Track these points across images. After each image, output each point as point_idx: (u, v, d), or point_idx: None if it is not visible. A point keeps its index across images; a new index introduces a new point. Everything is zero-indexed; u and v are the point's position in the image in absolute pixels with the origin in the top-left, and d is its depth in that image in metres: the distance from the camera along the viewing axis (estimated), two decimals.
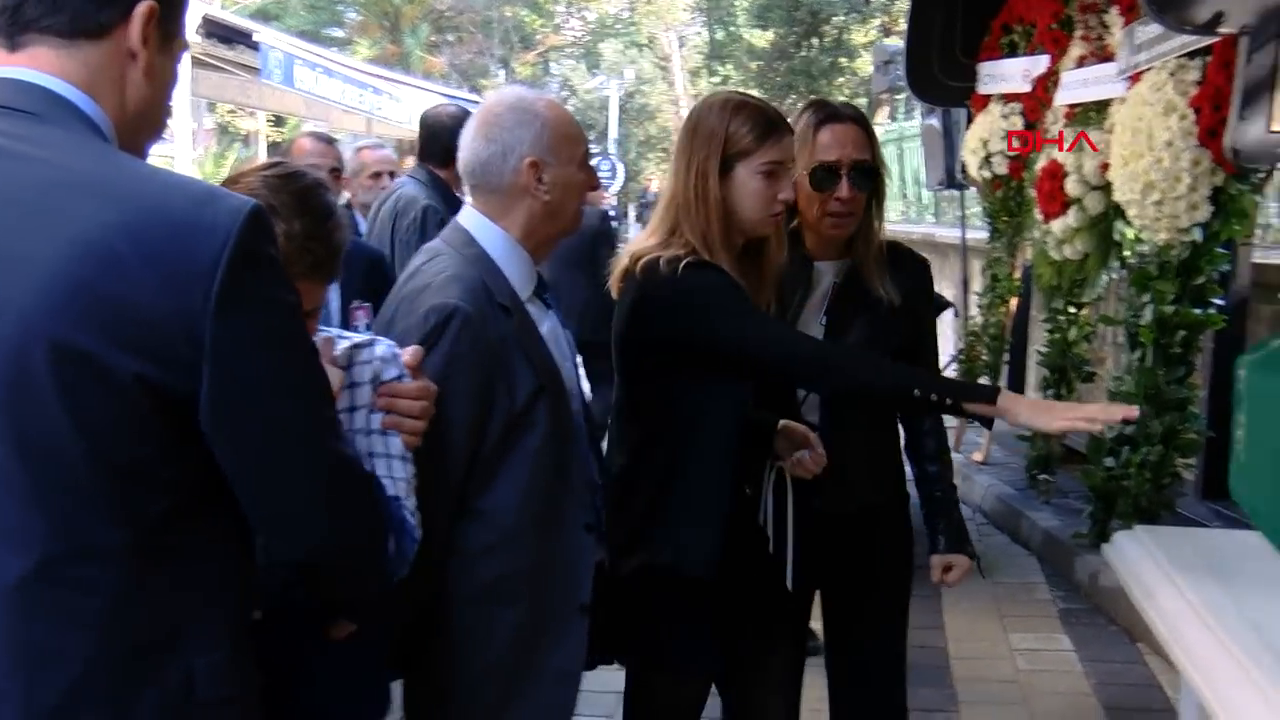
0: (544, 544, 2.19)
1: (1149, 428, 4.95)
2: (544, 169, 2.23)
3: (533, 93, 2.35)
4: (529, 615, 2.18)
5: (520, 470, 2.16)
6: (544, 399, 2.17)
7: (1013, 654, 4.75)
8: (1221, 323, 4.96)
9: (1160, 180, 4.52)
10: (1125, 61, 4.92)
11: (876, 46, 13.94)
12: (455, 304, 2.12)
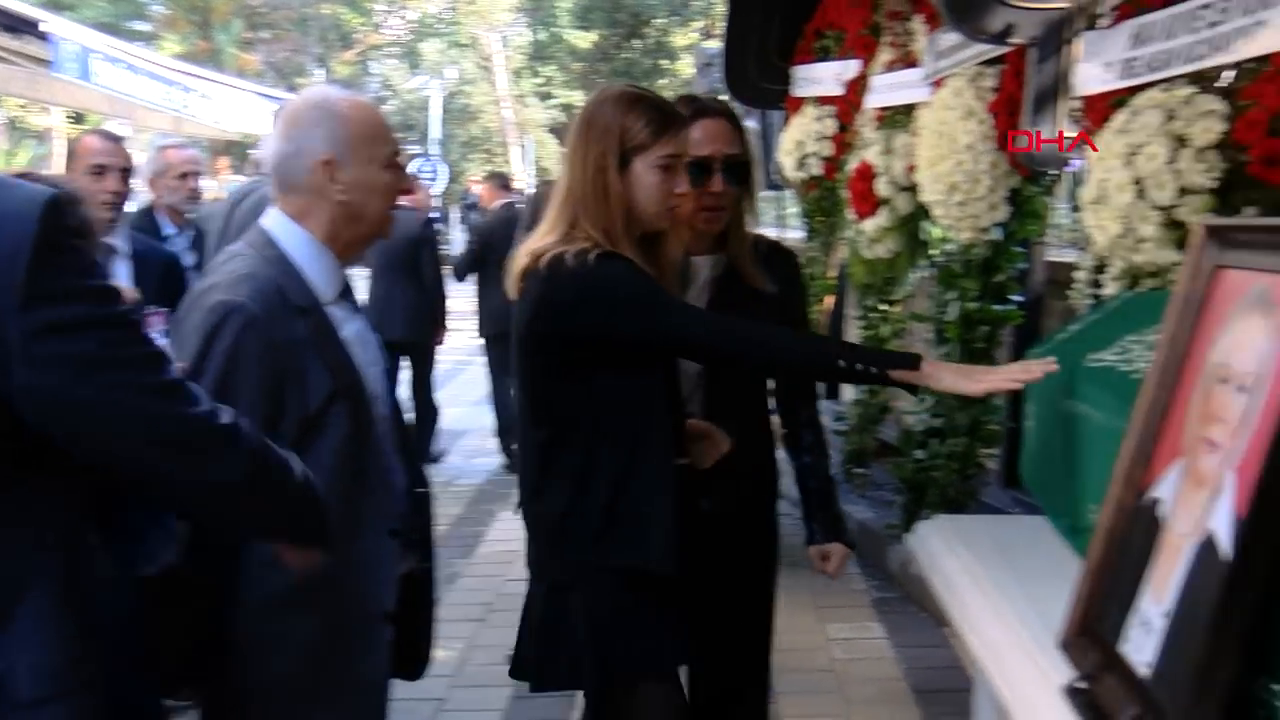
0: (344, 550, 2.14)
1: (955, 420, 5.14)
2: (339, 168, 2.19)
3: (338, 92, 2.32)
4: (325, 623, 2.15)
5: (317, 475, 2.06)
6: (341, 402, 2.14)
7: (828, 644, 4.89)
8: (1020, 318, 5.18)
9: (963, 182, 4.67)
10: (929, 67, 5.08)
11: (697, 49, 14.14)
12: (238, 302, 2.08)
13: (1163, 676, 1.35)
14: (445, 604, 5.28)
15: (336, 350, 2.19)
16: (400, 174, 2.31)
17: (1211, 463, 1.42)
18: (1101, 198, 3.20)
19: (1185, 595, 1.36)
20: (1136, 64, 3.26)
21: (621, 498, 2.40)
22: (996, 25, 4.01)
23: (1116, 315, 2.45)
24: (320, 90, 2.36)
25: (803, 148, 6.62)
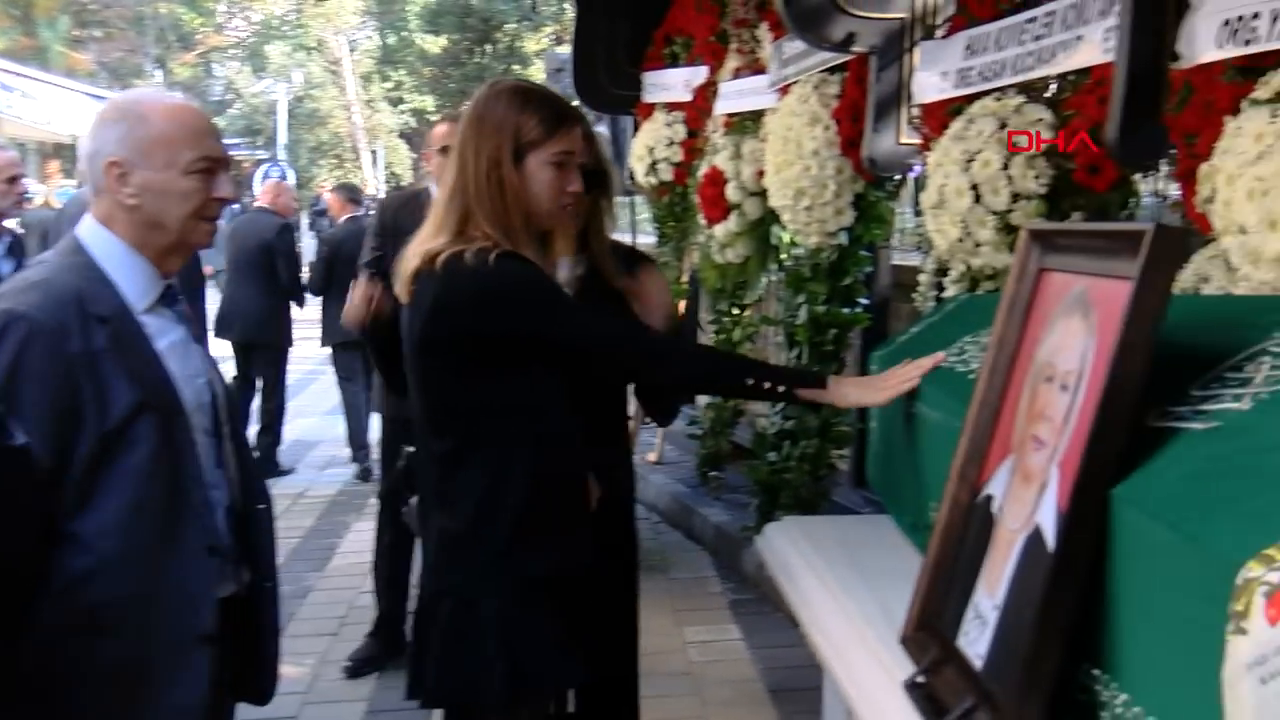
0: (154, 570, 2.08)
1: (806, 422, 5.23)
2: (129, 172, 2.11)
3: (150, 93, 2.24)
4: (135, 647, 2.07)
5: (122, 491, 2.04)
6: (148, 416, 2.06)
7: (685, 647, 4.93)
8: (867, 321, 5.31)
9: (809, 187, 4.76)
10: (775, 74, 5.17)
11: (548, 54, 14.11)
12: (20, 311, 2.00)
13: (995, 667, 1.41)
14: (297, 619, 5.23)
15: (143, 361, 2.10)
16: (209, 182, 2.18)
17: (1038, 459, 1.48)
18: (941, 203, 3.31)
19: (1014, 588, 1.43)
20: (970, 74, 3.38)
21: (533, 505, 2.36)
22: (838, 34, 4.11)
23: (954, 317, 2.54)
24: (131, 92, 2.29)
25: (653, 153, 6.67)
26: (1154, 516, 1.19)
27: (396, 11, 30.44)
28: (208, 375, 2.27)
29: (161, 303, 2.20)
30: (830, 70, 4.66)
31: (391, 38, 31.42)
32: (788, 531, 2.51)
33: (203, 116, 2.24)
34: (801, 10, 4.20)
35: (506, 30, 28.22)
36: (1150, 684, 1.21)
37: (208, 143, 2.18)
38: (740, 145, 5.59)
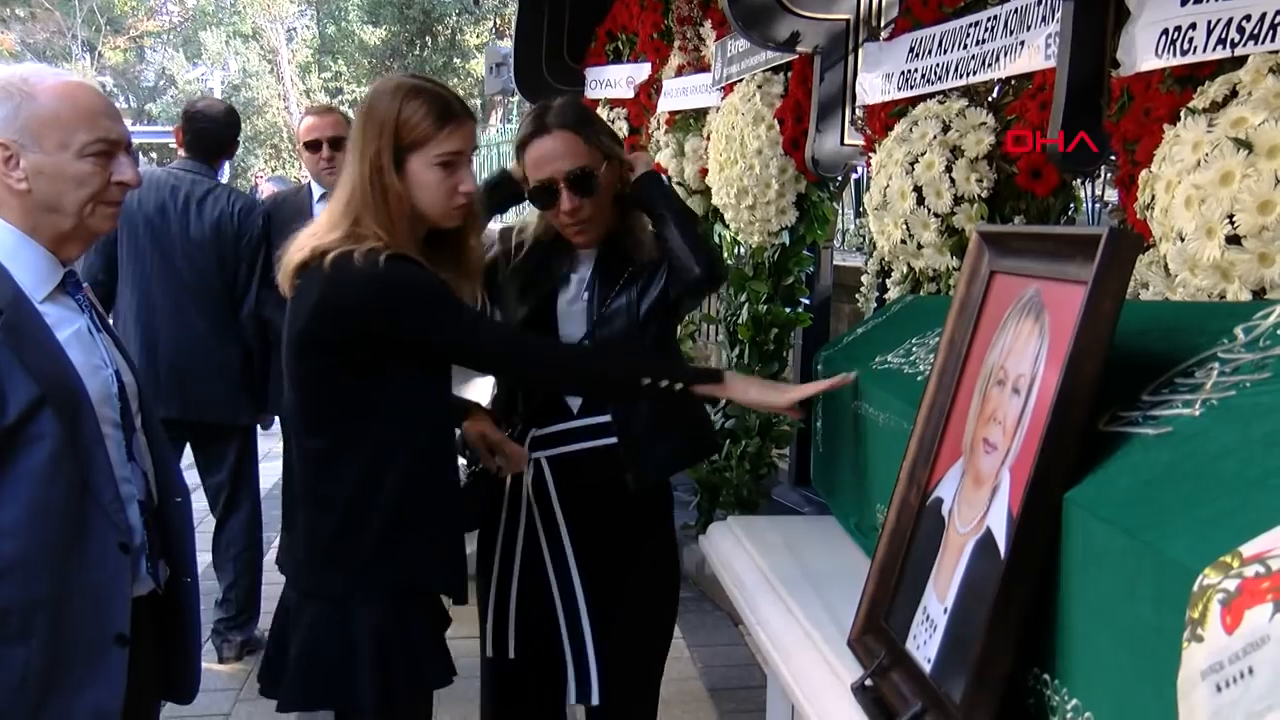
0: (65, 570, 2.02)
1: (747, 421, 5.25)
2: (17, 155, 2.03)
3: (40, 70, 2.12)
4: (48, 650, 2.01)
5: (26, 488, 1.99)
6: (50, 409, 2.00)
7: None
8: (809, 321, 5.33)
9: (752, 186, 4.77)
10: (719, 73, 5.18)
11: (489, 48, 14.03)
12: None
13: (944, 671, 1.41)
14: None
15: (43, 352, 2.03)
16: (105, 164, 2.09)
17: (990, 462, 1.49)
18: (884, 204, 3.32)
19: (965, 591, 1.43)
20: (914, 76, 3.40)
21: (405, 509, 2.32)
22: (783, 33, 4.12)
23: (900, 318, 2.55)
24: (21, 67, 2.19)
25: None
26: (1108, 521, 1.20)
27: (335, 1, 30.15)
28: (114, 365, 2.18)
29: (61, 290, 2.12)
30: (774, 70, 4.67)
31: (330, 27, 31.12)
32: (731, 531, 2.51)
33: (99, 95, 2.14)
34: (746, 9, 4.20)
35: (447, 23, 28.04)
36: (1101, 689, 1.22)
37: (104, 123, 2.09)
38: (683, 143, 5.59)
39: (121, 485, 2.12)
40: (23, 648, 1.99)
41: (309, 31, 33.40)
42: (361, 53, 29.63)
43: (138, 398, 2.23)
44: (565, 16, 7.08)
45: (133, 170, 2.12)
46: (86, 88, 2.12)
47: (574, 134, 2.66)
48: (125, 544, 2.10)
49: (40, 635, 1.99)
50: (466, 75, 28.03)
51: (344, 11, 29.90)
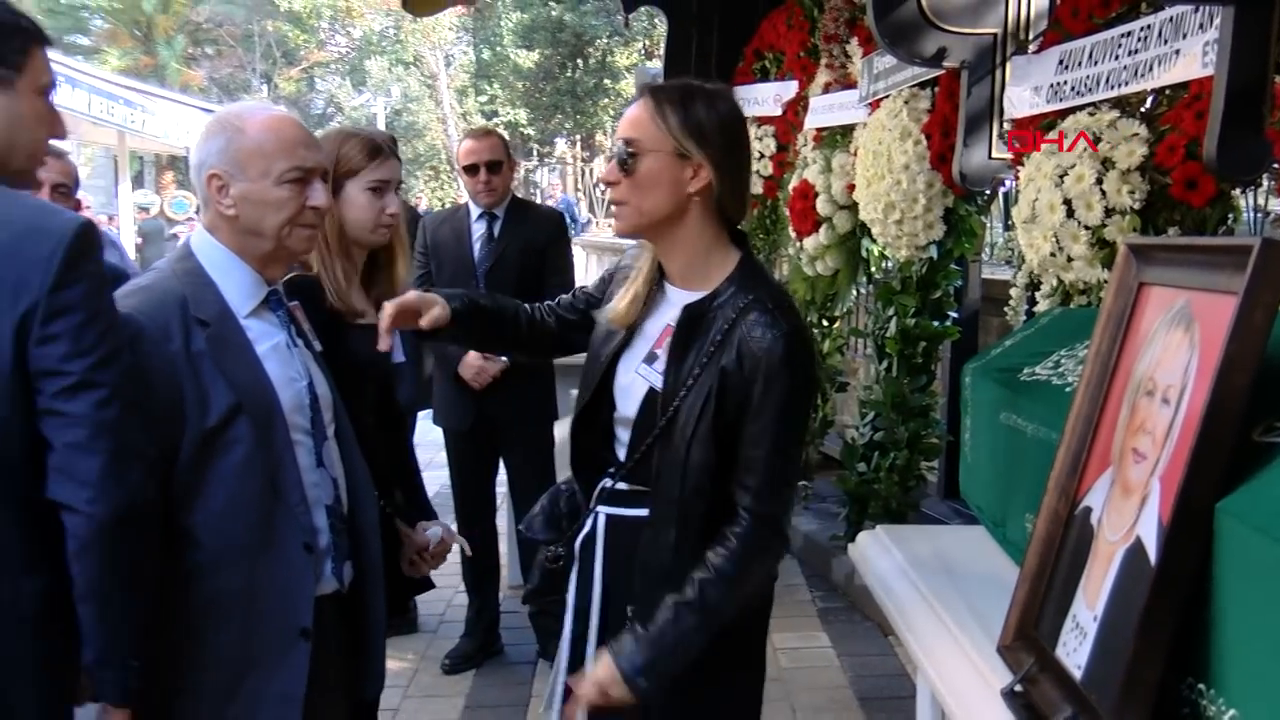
0: (256, 565, 2.14)
1: (895, 434, 5.20)
2: (228, 183, 2.18)
3: (251, 107, 2.29)
4: (242, 637, 2.14)
5: (222, 488, 2.11)
6: (245, 417, 2.12)
7: (776, 653, 4.91)
8: (957, 334, 5.26)
9: (900, 200, 4.73)
10: (865, 89, 5.15)
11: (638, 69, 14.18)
12: (125, 315, 2.06)
13: (1095, 678, 1.40)
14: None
15: (242, 364, 2.15)
16: (302, 191, 2.22)
17: (1139, 472, 1.47)
18: (1033, 217, 3.28)
19: (1115, 599, 1.41)
20: (1063, 88, 3.35)
21: None
22: (930, 49, 4.08)
23: (1048, 331, 2.52)
24: (234, 105, 2.37)
25: None
26: (1261, 531, 1.18)
27: (491, 27, 30.72)
28: (309, 377, 2.30)
29: (265, 306, 2.25)
30: (921, 85, 4.63)
31: (486, 53, 31.72)
32: (881, 540, 2.50)
33: (298, 127, 2.27)
34: (893, 25, 4.17)
35: (598, 46, 28.36)
36: (1259, 699, 1.20)
37: (301, 152, 2.22)
38: (830, 159, 5.56)
39: (309, 490, 2.23)
40: (222, 633, 2.13)
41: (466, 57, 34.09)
42: (516, 76, 30.14)
43: (331, 409, 2.34)
44: (714, 37, 7.11)
45: (325, 195, 2.25)
46: (289, 121, 2.26)
47: (648, 106, 2.18)
48: (310, 545, 2.21)
49: (238, 623, 2.13)
50: (616, 95, 28.30)
51: (499, 37, 30.44)
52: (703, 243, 2.20)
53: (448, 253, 4.78)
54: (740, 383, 2.09)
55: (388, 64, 33.52)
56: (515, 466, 4.92)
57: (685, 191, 2.14)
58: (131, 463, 1.86)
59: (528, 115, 29.74)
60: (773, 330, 2.09)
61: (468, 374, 4.65)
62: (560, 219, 5.46)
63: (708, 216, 2.18)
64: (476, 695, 4.54)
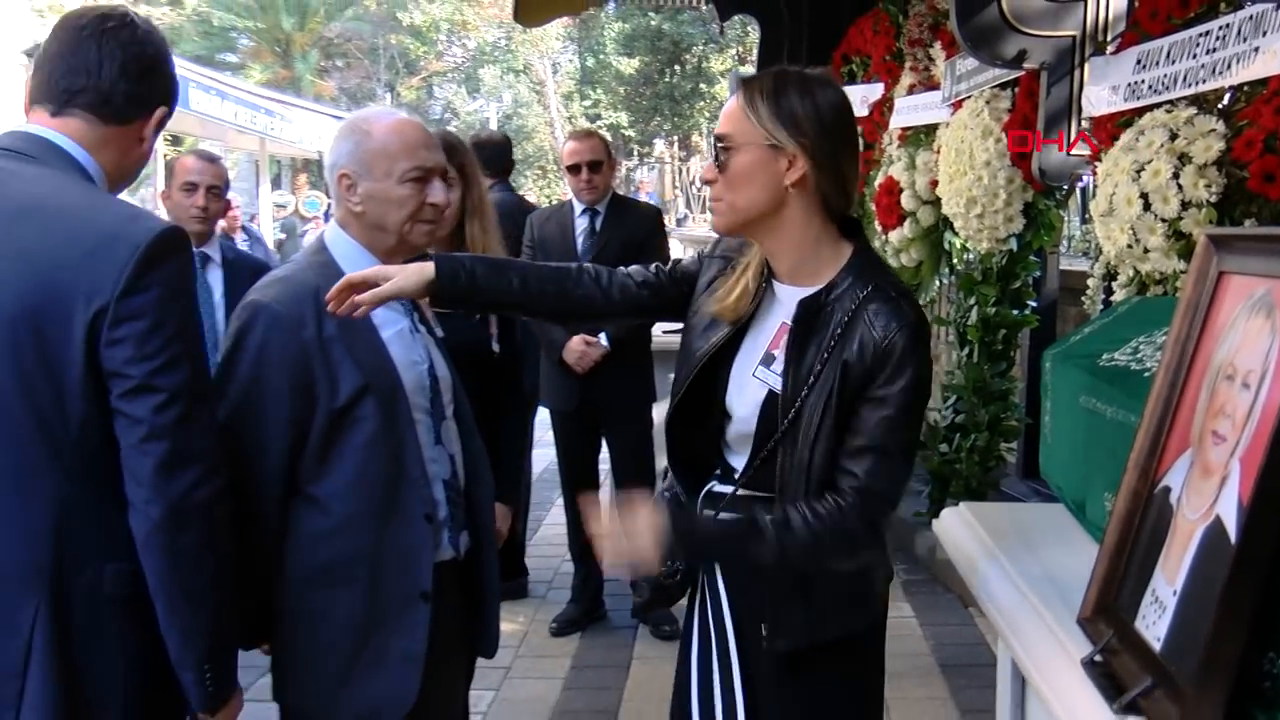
0: (382, 532, 2.16)
1: (976, 417, 5.12)
2: (356, 182, 2.21)
3: (378, 112, 2.32)
4: (367, 599, 2.16)
5: (351, 462, 2.14)
6: (371, 396, 2.15)
7: None
8: (1035, 322, 5.17)
9: (981, 196, 4.66)
10: (948, 90, 5.07)
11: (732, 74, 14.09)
12: (264, 303, 2.14)
13: (1174, 650, 1.36)
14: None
15: (369, 348, 2.18)
16: (423, 189, 2.25)
17: (1219, 453, 1.42)
18: (1111, 211, 3.19)
19: (1195, 575, 1.37)
20: (1141, 87, 3.25)
21: None
22: (1011, 51, 4.00)
23: (1126, 319, 2.45)
24: (364, 110, 2.40)
25: None
26: None
27: (595, 36, 30.80)
28: (429, 360, 2.33)
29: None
30: (1001, 86, 4.55)
31: (590, 60, 31.82)
32: (964, 517, 2.46)
33: (420, 130, 2.29)
34: (976, 30, 4.10)
35: (694, 53, 28.27)
36: None
37: (422, 153, 2.25)
38: (914, 157, 5.50)
39: (429, 465, 2.26)
40: (348, 593, 2.16)
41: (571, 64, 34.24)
42: (618, 81, 30.18)
43: (450, 390, 2.37)
44: (803, 43, 7.07)
45: (443, 193, 2.28)
46: (412, 124, 2.29)
47: (740, 99, 1.97)
48: (430, 515, 2.24)
49: (361, 585, 2.16)
50: (711, 99, 28.19)
51: (602, 45, 30.51)
52: (808, 236, 1.98)
53: (553, 246, 4.81)
54: (862, 373, 1.90)
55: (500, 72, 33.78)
56: (616, 446, 4.94)
57: (782, 184, 1.92)
58: (188, 465, 1.79)
59: (629, 118, 29.76)
60: (897, 319, 1.89)
61: (570, 358, 4.67)
62: (658, 214, 5.48)
63: (811, 209, 1.96)
64: (582, 656, 4.57)
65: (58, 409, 1.73)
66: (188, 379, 1.79)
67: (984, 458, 5.16)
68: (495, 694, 4.17)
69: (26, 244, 1.73)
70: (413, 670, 2.20)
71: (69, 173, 1.83)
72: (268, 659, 2.28)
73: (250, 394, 2.12)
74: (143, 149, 1.96)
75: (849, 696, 2.11)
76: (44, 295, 1.72)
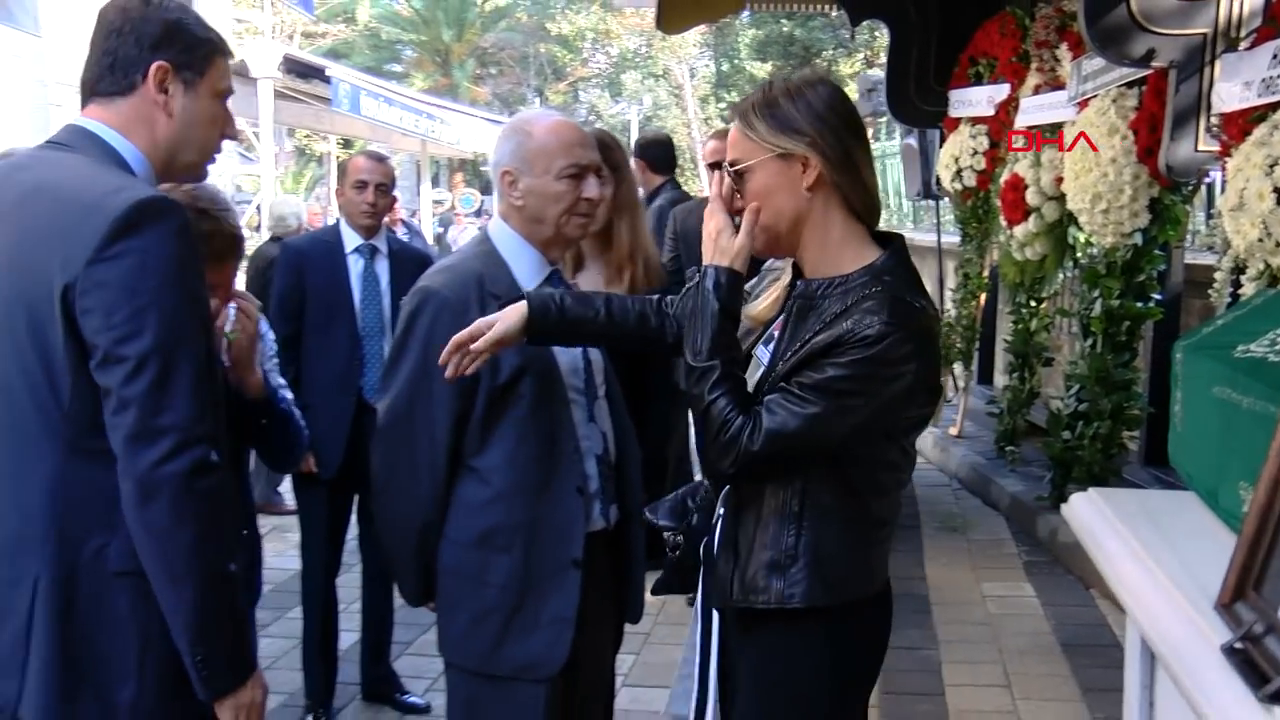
0: (536, 503, 2.19)
1: (1099, 405, 4.96)
2: (517, 178, 2.23)
3: (539, 114, 2.35)
4: (523, 564, 2.19)
5: (509, 436, 2.17)
6: (529, 377, 2.17)
7: (984, 600, 4.77)
8: (1160, 314, 4.98)
9: (1106, 192, 4.51)
10: (1074, 89, 4.92)
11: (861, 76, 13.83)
12: (433, 289, 2.19)
13: None
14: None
15: None
16: (577, 185, 2.24)
17: None
18: (1241, 205, 3.05)
19: None
20: (1276, 82, 3.10)
21: None
22: (1139, 50, 3.86)
23: (1262, 311, 2.33)
24: (526, 111, 2.43)
25: (958, 162, 6.49)
26: None
27: (730, 42, 30.59)
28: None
29: (548, 283, 2.29)
30: (1128, 84, 4.39)
31: (725, 65, 31.63)
32: (1093, 501, 2.37)
33: (576, 130, 2.31)
34: (1104, 30, 3.96)
35: (824, 56, 27.86)
36: None
37: (577, 151, 2.25)
38: (1040, 155, 5.34)
39: (581, 440, 2.28)
40: (507, 558, 2.20)
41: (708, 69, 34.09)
42: (751, 85, 29.86)
43: (603, 373, 2.39)
44: (932, 47, 6.92)
45: (597, 188, 2.29)
46: (569, 125, 2.31)
47: (737, 125, 1.91)
48: (581, 488, 2.26)
49: (518, 550, 2.19)
50: None
51: (737, 50, 30.30)
52: (832, 236, 1.85)
53: (695, 240, 4.78)
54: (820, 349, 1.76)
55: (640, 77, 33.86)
56: None
57: (801, 189, 1.82)
58: (156, 438, 1.60)
59: None
60: (878, 316, 1.73)
61: None
62: None
63: (833, 210, 1.85)
64: None
65: (49, 383, 1.64)
66: (157, 347, 1.60)
67: (1106, 445, 4.99)
68: (636, 658, 4.20)
69: (25, 223, 1.67)
70: (564, 631, 2.22)
71: (95, 157, 1.73)
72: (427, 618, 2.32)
73: (421, 373, 2.17)
74: (169, 115, 1.78)
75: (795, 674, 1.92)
76: (32, 272, 1.63)
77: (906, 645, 4.23)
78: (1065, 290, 6.35)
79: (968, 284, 7.23)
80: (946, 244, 9.01)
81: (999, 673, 4.04)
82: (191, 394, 1.63)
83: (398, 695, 3.87)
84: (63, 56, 8.37)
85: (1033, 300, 6.14)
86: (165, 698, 1.70)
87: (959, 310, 7.36)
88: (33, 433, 1.65)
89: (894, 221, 15.03)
